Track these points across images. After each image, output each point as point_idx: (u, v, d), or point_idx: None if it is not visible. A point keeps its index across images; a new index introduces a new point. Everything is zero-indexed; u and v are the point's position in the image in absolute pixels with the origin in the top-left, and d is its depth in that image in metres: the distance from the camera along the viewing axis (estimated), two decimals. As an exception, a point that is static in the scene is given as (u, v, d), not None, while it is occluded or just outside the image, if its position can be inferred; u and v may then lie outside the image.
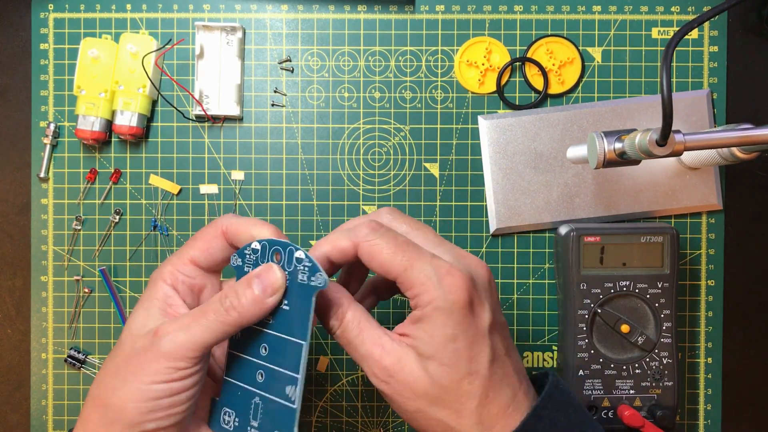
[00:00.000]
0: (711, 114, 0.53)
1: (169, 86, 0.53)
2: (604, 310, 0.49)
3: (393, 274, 0.36)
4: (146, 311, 0.38)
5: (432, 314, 0.35)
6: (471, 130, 0.54)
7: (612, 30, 0.54)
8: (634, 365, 0.49)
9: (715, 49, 0.53)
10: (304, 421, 0.53)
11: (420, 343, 0.35)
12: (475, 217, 0.53)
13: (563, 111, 0.53)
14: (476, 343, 0.35)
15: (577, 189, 0.53)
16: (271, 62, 0.54)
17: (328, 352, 0.54)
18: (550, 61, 0.53)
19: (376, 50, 0.54)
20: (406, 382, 0.35)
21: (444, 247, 0.38)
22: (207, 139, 0.54)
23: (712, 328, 0.54)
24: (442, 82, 0.54)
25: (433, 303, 0.35)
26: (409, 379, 0.35)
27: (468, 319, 0.35)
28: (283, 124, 0.54)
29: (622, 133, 0.43)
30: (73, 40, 0.53)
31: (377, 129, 0.54)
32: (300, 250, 0.36)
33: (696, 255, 0.54)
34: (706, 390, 0.54)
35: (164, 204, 0.53)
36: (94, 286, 0.54)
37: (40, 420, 0.53)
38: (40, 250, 0.53)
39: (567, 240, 0.49)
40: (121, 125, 0.51)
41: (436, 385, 0.35)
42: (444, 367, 0.35)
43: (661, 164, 0.52)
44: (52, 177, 0.53)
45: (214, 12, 0.54)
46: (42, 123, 0.53)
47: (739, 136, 0.42)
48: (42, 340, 0.53)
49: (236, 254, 0.39)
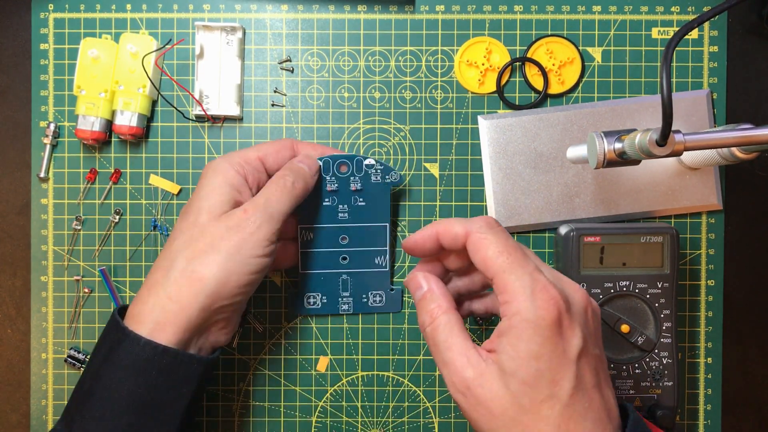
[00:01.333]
0: (711, 114, 0.53)
1: (169, 86, 0.53)
2: (604, 310, 0.49)
3: (491, 271, 0.36)
4: (220, 195, 0.43)
5: (518, 326, 0.34)
6: (471, 130, 0.54)
7: (612, 30, 0.54)
8: (634, 365, 0.49)
9: (715, 49, 0.53)
10: (304, 420, 0.53)
11: (504, 357, 0.34)
12: (475, 217, 0.53)
13: (563, 111, 0.53)
14: (561, 368, 0.34)
15: (577, 189, 0.53)
16: (271, 62, 0.54)
17: (328, 352, 0.54)
18: (550, 61, 0.53)
19: (376, 50, 0.54)
20: (484, 399, 0.34)
21: (546, 267, 0.38)
22: (207, 139, 0.54)
23: (712, 328, 0.54)
24: (442, 82, 0.54)
25: (521, 314, 0.34)
26: (488, 396, 0.34)
27: (555, 339, 0.34)
28: (283, 124, 0.54)
29: (622, 133, 0.43)
30: (73, 40, 0.53)
31: (377, 129, 0.54)
32: (369, 158, 0.50)
33: (696, 255, 0.54)
34: (706, 390, 0.54)
35: (164, 204, 0.53)
36: (94, 286, 0.54)
37: (40, 420, 0.53)
38: (40, 250, 0.53)
39: (567, 240, 0.49)
40: (121, 125, 0.51)
41: (515, 405, 0.34)
42: (525, 386, 0.33)
43: (661, 164, 0.52)
44: (52, 177, 0.53)
45: (214, 12, 0.54)
46: (42, 123, 0.53)
47: (739, 136, 0.42)
48: (42, 340, 0.53)
49: None
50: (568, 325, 0.35)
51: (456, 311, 0.38)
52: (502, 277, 0.35)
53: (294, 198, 0.45)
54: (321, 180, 0.50)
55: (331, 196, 0.50)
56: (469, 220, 0.38)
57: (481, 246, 0.36)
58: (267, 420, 0.53)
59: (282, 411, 0.53)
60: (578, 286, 0.37)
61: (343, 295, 0.51)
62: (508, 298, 0.35)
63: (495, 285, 0.36)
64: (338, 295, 0.51)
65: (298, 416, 0.53)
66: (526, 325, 0.34)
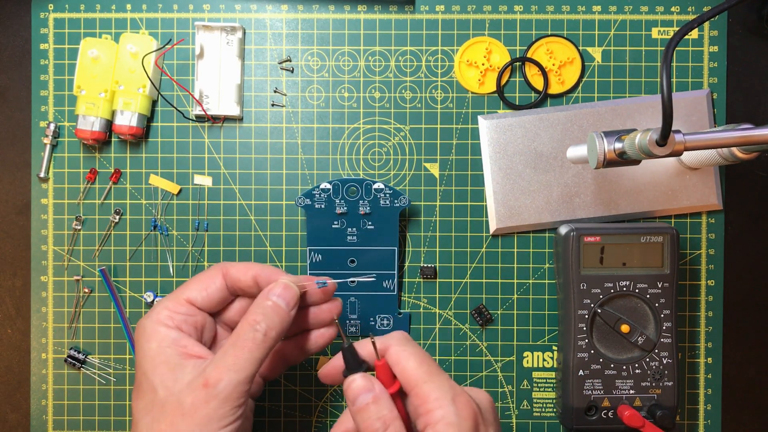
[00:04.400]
0: (711, 114, 0.53)
1: (169, 86, 0.53)
2: (604, 310, 0.49)
3: (412, 382, 0.37)
4: (164, 363, 0.38)
5: (444, 431, 0.36)
6: (471, 130, 0.54)
7: (612, 30, 0.54)
8: (634, 365, 0.49)
9: (715, 49, 0.53)
10: (304, 420, 0.53)
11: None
12: (475, 217, 0.53)
13: (563, 111, 0.53)
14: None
15: (577, 189, 0.53)
16: (271, 62, 0.54)
17: (329, 352, 0.54)
18: (550, 61, 0.53)
19: (376, 50, 0.54)
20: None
21: (446, 376, 0.39)
22: (207, 139, 0.54)
23: (712, 328, 0.54)
24: (442, 82, 0.54)
25: (446, 419, 0.36)
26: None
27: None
28: (283, 124, 0.54)
29: (622, 133, 0.43)
30: (73, 40, 0.53)
31: (377, 129, 0.54)
32: (378, 182, 0.50)
33: (696, 255, 0.54)
34: (706, 390, 0.54)
35: (164, 204, 0.53)
36: (94, 286, 0.54)
37: (40, 420, 0.53)
38: (40, 250, 0.53)
39: (567, 240, 0.49)
40: (121, 125, 0.51)
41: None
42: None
43: (661, 164, 0.52)
44: (52, 177, 0.53)
45: (214, 12, 0.54)
46: (42, 123, 0.53)
47: (739, 136, 0.42)
48: (42, 340, 0.53)
49: (302, 195, 0.51)
50: (482, 423, 0.37)
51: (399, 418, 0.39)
52: (424, 388, 0.37)
53: (269, 348, 0.38)
54: (330, 203, 0.50)
55: (340, 219, 0.51)
56: (385, 336, 0.40)
57: (403, 358, 0.38)
58: (267, 420, 0.53)
59: (282, 411, 0.53)
60: (477, 389, 0.40)
61: (351, 317, 0.52)
62: (431, 407, 0.36)
63: (416, 395, 0.37)
64: (346, 318, 0.52)
65: (298, 416, 0.53)
66: (452, 430, 0.36)
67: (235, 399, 0.37)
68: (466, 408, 0.37)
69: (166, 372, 0.38)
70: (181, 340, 0.39)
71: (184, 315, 0.40)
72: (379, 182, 0.50)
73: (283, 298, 0.39)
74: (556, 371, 0.53)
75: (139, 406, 0.38)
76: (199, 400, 0.36)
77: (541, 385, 0.54)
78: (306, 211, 0.51)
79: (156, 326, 0.39)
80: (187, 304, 0.41)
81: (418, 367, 0.38)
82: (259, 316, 0.38)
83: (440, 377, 0.38)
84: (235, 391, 0.36)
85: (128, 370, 0.53)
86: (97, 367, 0.53)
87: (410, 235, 0.53)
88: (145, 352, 0.39)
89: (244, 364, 0.37)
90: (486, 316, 0.53)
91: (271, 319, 0.38)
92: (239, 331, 0.38)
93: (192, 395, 0.36)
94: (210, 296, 0.41)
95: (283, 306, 0.39)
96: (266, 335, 0.38)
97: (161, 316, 0.40)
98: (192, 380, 0.37)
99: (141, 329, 0.40)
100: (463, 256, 0.53)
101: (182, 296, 0.41)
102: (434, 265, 0.53)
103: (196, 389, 0.36)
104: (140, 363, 0.39)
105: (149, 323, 0.39)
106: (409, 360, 0.38)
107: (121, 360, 0.53)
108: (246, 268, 0.42)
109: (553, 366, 0.54)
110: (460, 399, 0.37)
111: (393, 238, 0.51)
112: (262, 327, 0.38)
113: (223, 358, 0.37)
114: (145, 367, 0.38)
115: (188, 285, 0.42)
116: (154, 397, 0.37)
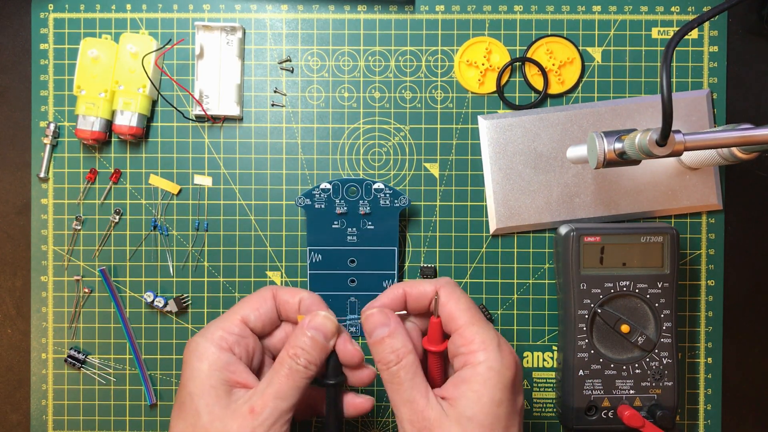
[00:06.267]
0: (711, 114, 0.53)
1: (169, 86, 0.53)
2: (604, 310, 0.49)
3: (458, 323, 0.39)
4: (212, 387, 0.38)
5: (485, 374, 0.37)
6: (471, 130, 0.54)
7: (612, 30, 0.54)
8: (634, 365, 0.49)
9: (715, 49, 0.53)
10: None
11: (464, 402, 0.37)
12: (475, 217, 0.53)
13: (563, 111, 0.53)
14: (513, 417, 0.38)
15: (577, 189, 0.53)
16: (271, 62, 0.54)
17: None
18: (550, 61, 0.53)
19: (376, 50, 0.54)
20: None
21: (492, 325, 0.41)
22: (207, 139, 0.54)
23: (712, 328, 0.54)
24: (442, 82, 0.54)
25: (488, 363, 0.37)
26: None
27: (512, 391, 0.37)
28: (283, 124, 0.54)
29: (622, 133, 0.43)
30: (73, 40, 0.53)
31: (377, 129, 0.54)
32: (378, 182, 0.50)
33: (696, 255, 0.54)
34: (706, 390, 0.54)
35: (164, 204, 0.53)
36: (94, 286, 0.54)
37: (40, 420, 0.53)
38: (40, 250, 0.53)
39: (567, 240, 0.49)
40: (121, 125, 0.51)
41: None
42: (482, 429, 0.36)
43: (661, 164, 0.52)
44: (52, 177, 0.53)
45: (214, 12, 0.54)
46: (42, 123, 0.53)
47: (739, 136, 0.42)
48: (42, 340, 0.53)
49: (302, 195, 0.51)
50: (519, 382, 0.39)
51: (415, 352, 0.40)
52: (469, 330, 0.38)
53: (309, 378, 0.40)
54: (330, 203, 0.51)
55: (340, 219, 0.51)
56: (434, 279, 0.41)
57: (452, 299, 0.40)
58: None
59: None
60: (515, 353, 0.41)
61: (351, 317, 0.52)
62: (475, 348, 0.38)
63: (460, 335, 0.39)
64: (346, 317, 0.52)
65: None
66: (493, 374, 0.37)
67: (279, 426, 0.38)
68: (509, 356, 0.38)
69: (213, 397, 0.38)
70: (231, 365, 0.39)
71: (237, 336, 0.40)
72: (379, 182, 0.50)
73: (320, 332, 0.40)
74: (556, 371, 0.53)
75: (179, 426, 0.38)
76: (245, 427, 0.37)
77: (541, 385, 0.54)
78: (306, 211, 0.51)
79: (209, 346, 0.39)
80: (240, 323, 0.41)
81: (467, 310, 0.39)
82: (297, 348, 0.39)
83: (488, 324, 0.39)
84: (280, 419, 0.38)
85: (128, 370, 0.53)
86: (97, 367, 0.53)
87: (410, 235, 0.53)
88: (195, 373, 0.39)
89: (288, 393, 0.38)
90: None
91: (309, 351, 0.39)
92: (282, 360, 0.39)
93: (238, 421, 0.37)
94: (262, 316, 0.42)
95: (321, 339, 0.40)
96: (307, 368, 0.39)
97: (215, 336, 0.40)
98: (237, 407, 0.38)
99: (193, 346, 0.39)
100: (463, 256, 0.53)
101: (236, 316, 0.41)
102: (434, 265, 0.53)
103: (243, 416, 0.37)
104: (186, 383, 0.39)
105: (202, 342, 0.39)
106: (459, 301, 0.39)
107: (121, 360, 0.53)
108: (294, 291, 0.43)
109: (553, 366, 0.54)
110: (505, 348, 0.38)
111: (393, 238, 0.51)
112: (302, 360, 0.39)
113: (269, 387, 0.38)
114: (191, 387, 0.38)
115: (241, 305, 0.42)
116: (196, 421, 0.38)
